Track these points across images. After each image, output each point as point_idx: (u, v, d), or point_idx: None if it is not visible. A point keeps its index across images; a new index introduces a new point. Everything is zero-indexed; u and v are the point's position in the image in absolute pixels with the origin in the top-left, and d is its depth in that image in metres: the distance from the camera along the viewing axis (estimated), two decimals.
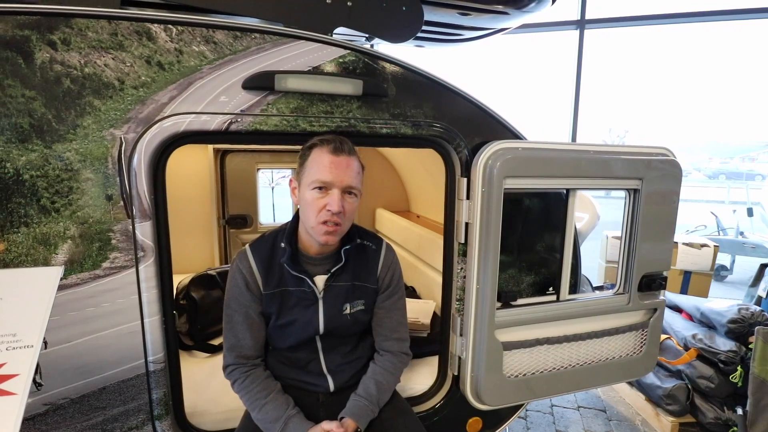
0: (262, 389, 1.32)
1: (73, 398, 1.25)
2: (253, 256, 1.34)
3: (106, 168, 1.19)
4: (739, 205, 7.47)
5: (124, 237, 1.24)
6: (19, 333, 0.82)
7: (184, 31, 1.23)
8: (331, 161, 1.22)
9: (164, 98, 1.21)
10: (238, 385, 1.33)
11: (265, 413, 1.29)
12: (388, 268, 1.45)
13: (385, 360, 1.44)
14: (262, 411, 1.29)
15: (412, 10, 1.55)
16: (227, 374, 1.35)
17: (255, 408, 1.30)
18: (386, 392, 1.41)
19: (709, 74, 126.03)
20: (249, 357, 1.35)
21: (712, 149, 38.95)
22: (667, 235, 1.80)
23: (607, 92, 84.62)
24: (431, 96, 1.48)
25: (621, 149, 1.70)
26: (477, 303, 1.57)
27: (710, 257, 3.44)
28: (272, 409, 1.29)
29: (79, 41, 1.14)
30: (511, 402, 1.73)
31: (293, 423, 1.28)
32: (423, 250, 2.54)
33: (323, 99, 1.36)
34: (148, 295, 1.28)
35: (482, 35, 2.18)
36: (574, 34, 4.33)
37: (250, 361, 1.36)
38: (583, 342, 1.76)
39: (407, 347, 1.49)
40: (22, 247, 1.15)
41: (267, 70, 1.29)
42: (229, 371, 1.35)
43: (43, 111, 1.13)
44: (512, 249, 1.68)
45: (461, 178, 1.56)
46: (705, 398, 2.48)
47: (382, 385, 1.40)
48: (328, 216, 1.22)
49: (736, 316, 2.41)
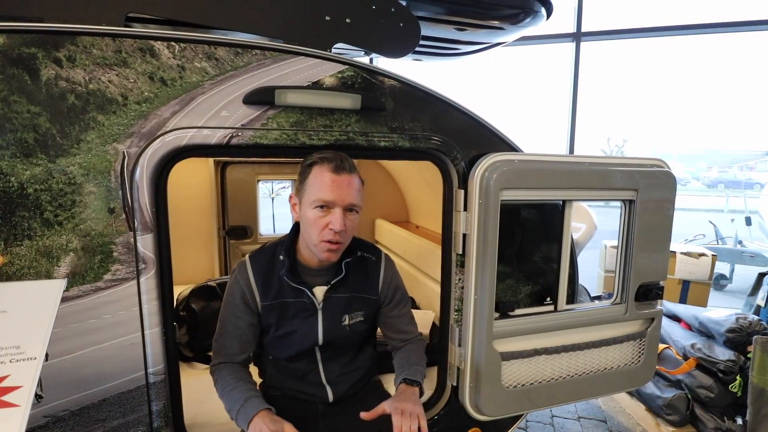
0: (233, 377, 1.31)
1: (74, 410, 1.25)
2: (251, 268, 1.36)
3: (109, 181, 1.21)
4: (737, 213, 7.48)
5: (125, 249, 1.25)
6: (23, 345, 0.83)
7: (187, 48, 1.26)
8: (333, 180, 1.23)
9: (167, 113, 1.24)
10: (215, 376, 1.34)
11: (231, 399, 1.26)
12: (389, 279, 1.47)
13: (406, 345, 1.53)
14: (228, 397, 1.27)
15: (410, 26, 1.59)
16: (211, 372, 1.37)
17: (224, 396, 1.29)
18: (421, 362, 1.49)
19: (707, 84, 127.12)
20: (232, 361, 1.37)
21: (711, 158, 39.12)
22: (663, 245, 1.82)
23: (605, 102, 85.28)
24: (428, 109, 1.51)
25: (616, 161, 1.73)
26: (475, 313, 1.58)
27: (708, 266, 3.44)
28: (237, 392, 1.27)
29: (84, 58, 1.16)
30: (510, 412, 1.73)
31: (250, 403, 1.23)
32: (422, 260, 2.55)
33: (322, 113, 1.39)
34: (149, 307, 1.29)
35: (479, 49, 2.22)
36: (570, 46, 4.39)
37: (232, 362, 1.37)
38: (582, 352, 1.77)
39: (420, 334, 1.59)
40: (25, 259, 1.17)
41: (267, 85, 1.31)
42: (212, 370, 1.37)
43: (48, 126, 1.15)
44: (510, 259, 1.69)
45: (458, 189, 1.58)
46: (705, 408, 2.47)
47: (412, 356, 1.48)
48: (330, 235, 1.23)
49: (734, 326, 2.42)
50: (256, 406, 1.22)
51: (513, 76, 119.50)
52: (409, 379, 1.37)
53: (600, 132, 55.08)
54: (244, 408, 1.22)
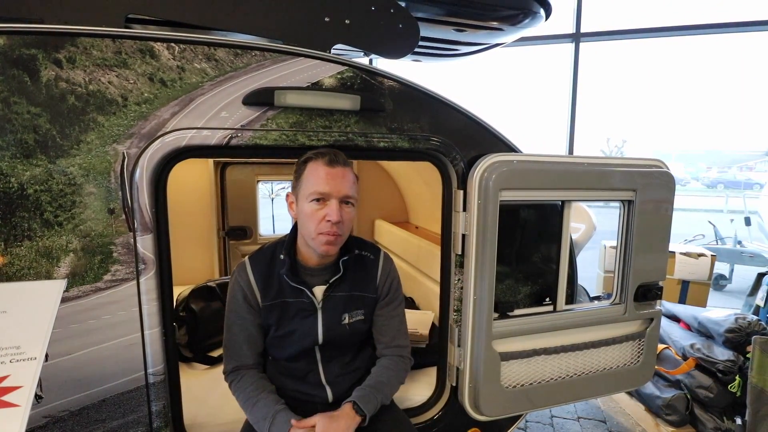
0: (255, 389, 1.34)
1: (73, 411, 1.26)
2: (251, 269, 1.36)
3: (109, 182, 1.21)
4: (737, 214, 7.49)
5: (125, 250, 1.25)
6: (23, 345, 0.83)
7: (187, 49, 1.26)
8: (327, 173, 1.25)
9: (166, 114, 1.24)
10: (234, 386, 1.36)
11: (257, 411, 1.30)
12: (386, 276, 1.47)
13: (386, 359, 1.47)
14: (253, 410, 1.31)
15: (409, 27, 1.59)
16: (226, 378, 1.39)
17: (248, 407, 1.32)
18: (387, 386, 1.42)
19: (707, 85, 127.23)
20: (246, 364, 1.39)
21: (711, 158, 39.15)
22: (662, 246, 1.82)
23: (605, 103, 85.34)
24: (428, 110, 1.51)
25: (615, 161, 1.73)
26: (474, 314, 1.58)
27: (707, 267, 3.45)
28: (263, 406, 1.30)
29: (84, 59, 1.17)
30: (509, 412, 1.73)
31: (280, 417, 1.28)
32: (422, 261, 2.55)
33: (322, 114, 1.39)
34: (149, 308, 1.29)
35: (478, 50, 2.23)
36: (569, 47, 4.40)
37: (247, 366, 1.39)
38: (581, 352, 1.77)
39: (408, 352, 1.51)
40: (25, 260, 1.17)
41: (267, 86, 1.32)
42: (227, 376, 1.39)
43: (48, 127, 1.15)
44: (509, 260, 1.70)
45: (458, 190, 1.59)
46: (704, 408, 2.48)
47: (382, 377, 1.42)
48: (327, 227, 1.25)
49: (733, 326, 2.42)
50: (286, 420, 1.27)
51: (512, 76, 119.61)
52: (357, 405, 1.32)
53: (599, 132, 55.15)
54: (276, 425, 1.27)
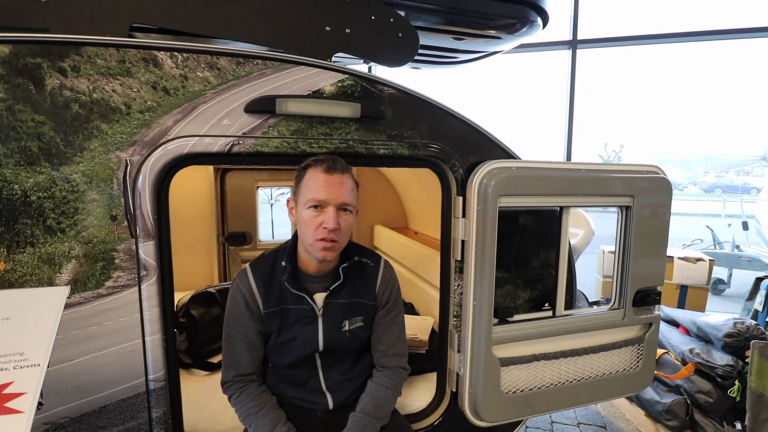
0: (255, 404, 1.34)
1: (73, 417, 1.26)
2: (253, 276, 1.37)
3: (111, 189, 1.22)
4: (734, 218, 7.52)
5: (127, 256, 1.26)
6: (27, 352, 0.84)
7: (189, 58, 1.28)
8: (325, 180, 1.26)
9: (169, 122, 1.25)
10: (234, 399, 1.36)
11: (256, 428, 1.31)
12: (386, 284, 1.48)
13: (382, 376, 1.46)
14: (253, 426, 1.31)
15: (408, 36, 1.61)
16: (225, 389, 1.38)
17: (248, 423, 1.33)
18: (384, 407, 1.42)
19: (704, 90, 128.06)
20: (246, 374, 1.38)
21: (708, 163, 39.32)
22: (660, 251, 1.84)
23: (603, 109, 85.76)
24: (427, 117, 1.53)
25: (612, 167, 1.75)
26: (474, 319, 1.59)
27: (706, 271, 3.46)
28: (262, 424, 1.31)
29: (89, 68, 1.18)
30: (509, 418, 1.73)
31: None
32: (421, 266, 2.56)
33: (322, 121, 1.41)
34: (150, 314, 1.30)
35: (476, 58, 2.25)
36: (567, 54, 4.44)
37: (247, 377, 1.38)
38: (580, 357, 1.78)
39: (405, 362, 1.50)
40: (27, 267, 1.18)
41: (268, 94, 1.33)
42: (227, 386, 1.38)
43: (52, 135, 1.17)
44: (508, 266, 1.71)
45: (457, 196, 1.60)
46: (704, 413, 2.48)
47: (379, 400, 1.41)
48: (324, 233, 1.26)
49: (731, 330, 2.43)
50: None
51: (510, 83, 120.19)
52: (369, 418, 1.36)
53: (597, 138, 55.38)
54: None
